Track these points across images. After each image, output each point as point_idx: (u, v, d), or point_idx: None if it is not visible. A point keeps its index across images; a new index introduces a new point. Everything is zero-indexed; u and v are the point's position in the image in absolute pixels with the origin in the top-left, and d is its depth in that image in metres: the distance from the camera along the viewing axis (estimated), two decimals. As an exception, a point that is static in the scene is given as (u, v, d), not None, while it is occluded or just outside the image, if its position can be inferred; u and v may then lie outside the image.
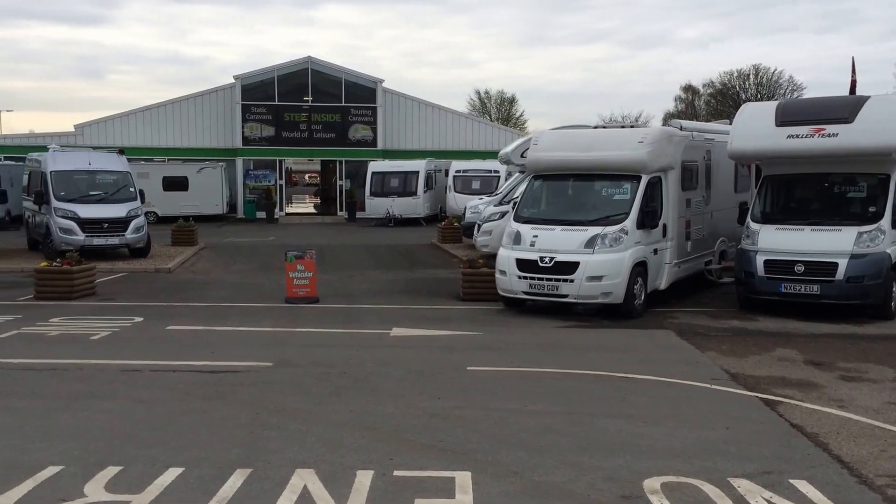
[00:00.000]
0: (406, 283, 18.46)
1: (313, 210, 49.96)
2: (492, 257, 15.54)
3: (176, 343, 11.72)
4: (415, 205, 36.83)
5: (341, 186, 43.03)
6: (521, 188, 23.15)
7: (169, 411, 8.12)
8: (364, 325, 13.02)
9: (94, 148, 30.07)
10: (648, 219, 13.78)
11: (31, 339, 11.92)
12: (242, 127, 41.42)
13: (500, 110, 79.90)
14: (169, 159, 40.98)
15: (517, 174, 27.10)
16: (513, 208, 20.90)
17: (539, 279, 13.57)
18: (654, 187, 14.11)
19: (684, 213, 15.06)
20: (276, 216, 40.54)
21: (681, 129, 15.42)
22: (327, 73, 42.48)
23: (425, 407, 8.27)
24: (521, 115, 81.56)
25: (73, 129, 41.92)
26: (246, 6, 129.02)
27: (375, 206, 37.20)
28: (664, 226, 14.27)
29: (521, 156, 21.08)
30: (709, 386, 9.21)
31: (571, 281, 13.25)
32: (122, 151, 24.11)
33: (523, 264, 13.74)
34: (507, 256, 14.05)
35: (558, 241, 13.61)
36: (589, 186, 14.63)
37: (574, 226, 13.76)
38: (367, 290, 17.30)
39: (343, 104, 42.01)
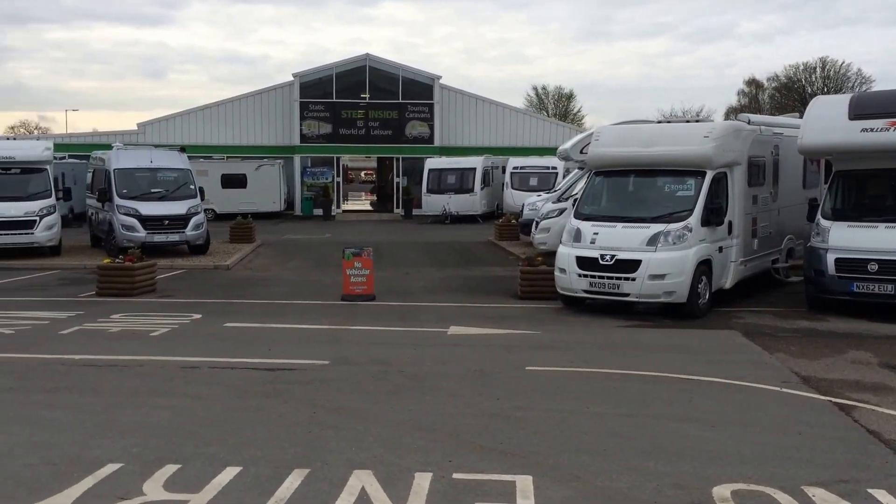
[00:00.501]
0: (463, 280, 18.30)
1: (370, 207, 50.17)
2: (550, 255, 15.32)
3: (233, 340, 11.74)
4: (472, 202, 36.67)
5: (398, 183, 43.11)
6: (581, 185, 22.85)
7: (226, 409, 8.08)
8: (421, 324, 12.89)
9: (156, 146, 30.64)
10: (713, 216, 13.38)
11: (93, 335, 12.05)
12: (300, 124, 41.74)
13: (557, 106, 79.30)
14: (228, 157, 41.46)
15: (576, 171, 26.76)
16: (572, 205, 20.69)
17: (599, 277, 13.29)
18: (720, 183, 13.71)
19: (751, 209, 14.60)
20: (332, 213, 40.78)
21: (749, 122, 14.96)
22: (384, 70, 42.59)
23: (485, 407, 8.10)
24: (578, 111, 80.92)
25: (136, 128, 42.77)
26: (304, 4, 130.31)
27: (432, 203, 37.15)
28: (729, 223, 13.84)
29: (581, 152, 20.75)
30: (779, 389, 8.86)
31: (633, 279, 12.94)
32: (183, 149, 24.43)
33: (583, 262, 13.47)
34: (566, 254, 13.80)
35: (620, 239, 13.31)
36: (651, 182, 14.28)
37: (636, 223, 13.44)
38: (424, 287, 17.19)
39: (400, 101, 42.08)
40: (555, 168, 36.37)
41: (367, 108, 41.93)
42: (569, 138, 44.50)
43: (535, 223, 22.24)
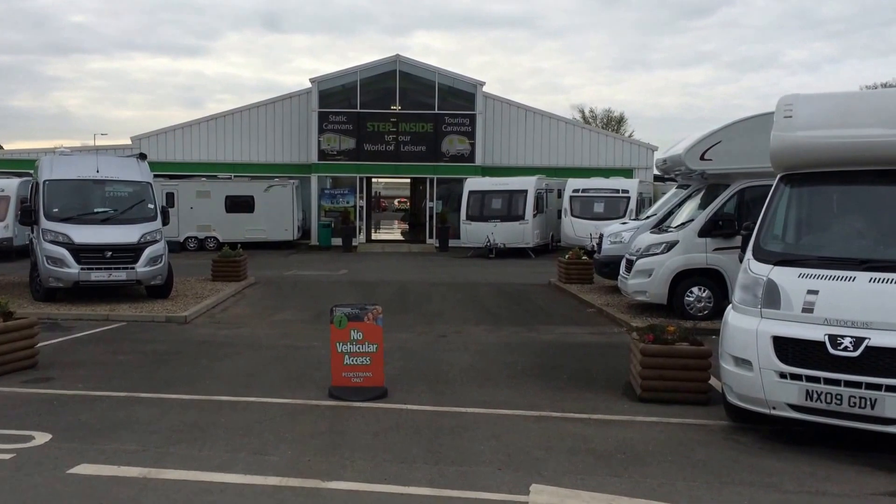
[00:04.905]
0: (531, 354, 11.66)
1: (399, 237, 43.65)
2: (658, 310, 8.67)
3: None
4: (522, 231, 29.92)
5: (431, 208, 36.49)
6: (690, 207, 16.21)
7: None
8: (469, 475, 6.27)
9: (152, 164, 24.59)
10: None
11: None
12: (319, 138, 35.38)
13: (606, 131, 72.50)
14: (234, 176, 35.31)
15: (673, 190, 20.08)
16: (710, 235, 14.03)
17: (830, 382, 6.62)
18: None
19: None
20: (354, 243, 34.26)
21: None
22: (418, 75, 35.98)
23: None
24: (630, 135, 74.06)
25: (129, 142, 36.88)
26: (338, 34, 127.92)
27: (473, 232, 30.49)
28: None
29: (702, 158, 14.25)
30: None
31: (913, 390, 6.27)
32: (143, 156, 18.13)
33: (791, 350, 6.85)
34: (749, 331, 7.17)
35: (869, 304, 6.67)
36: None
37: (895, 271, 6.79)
38: (469, 368, 10.57)
39: (436, 111, 35.43)
40: (626, 192, 29.85)
41: (398, 120, 35.45)
42: (643, 158, 38.33)
43: (625, 262, 15.61)
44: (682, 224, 15.01)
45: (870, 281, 6.79)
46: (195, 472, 6.23)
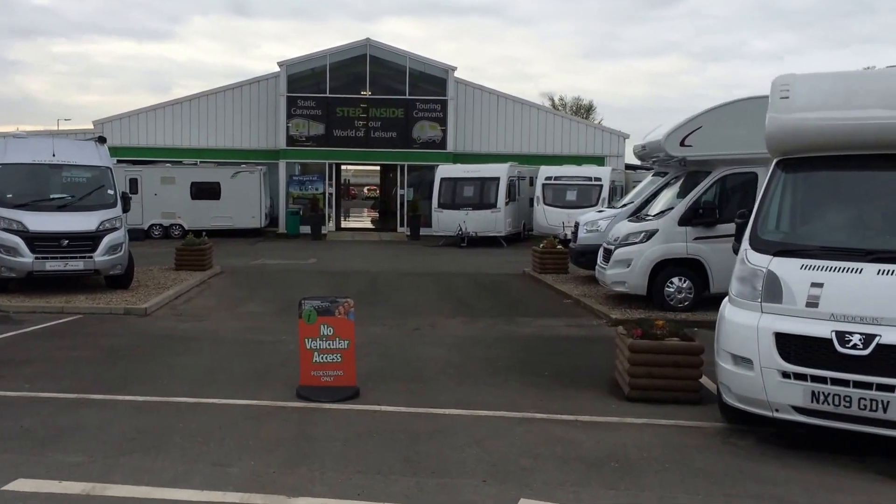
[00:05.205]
0: (510, 348, 11.13)
1: (370, 225, 42.94)
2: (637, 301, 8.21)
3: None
4: (494, 220, 29.38)
5: (402, 196, 35.78)
6: (667, 195, 15.76)
7: None
8: (451, 489, 5.70)
9: (114, 149, 23.64)
10: None
11: None
12: (287, 124, 34.51)
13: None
14: (200, 162, 34.37)
15: (649, 178, 19.65)
16: (691, 224, 13.57)
17: (837, 382, 6.16)
18: None
19: None
20: (323, 232, 33.50)
21: None
22: (389, 59, 35.17)
23: None
24: (599, 123, 73.79)
25: (91, 126, 35.77)
26: (307, 20, 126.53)
27: (445, 220, 29.90)
28: None
29: (682, 144, 13.80)
30: None
31: (925, 392, 5.82)
32: (102, 140, 17.28)
33: (794, 347, 6.38)
34: (749, 326, 6.69)
35: (879, 298, 6.21)
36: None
37: (904, 263, 6.34)
38: (446, 364, 10.01)
39: (407, 97, 34.67)
40: (599, 179, 29.45)
41: (368, 106, 34.66)
42: (615, 146, 37.87)
43: (602, 251, 15.13)
44: (662, 212, 14.55)
45: (878, 273, 6.32)
46: (146, 487, 5.61)
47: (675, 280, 13.81)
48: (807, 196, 7.51)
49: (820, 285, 6.45)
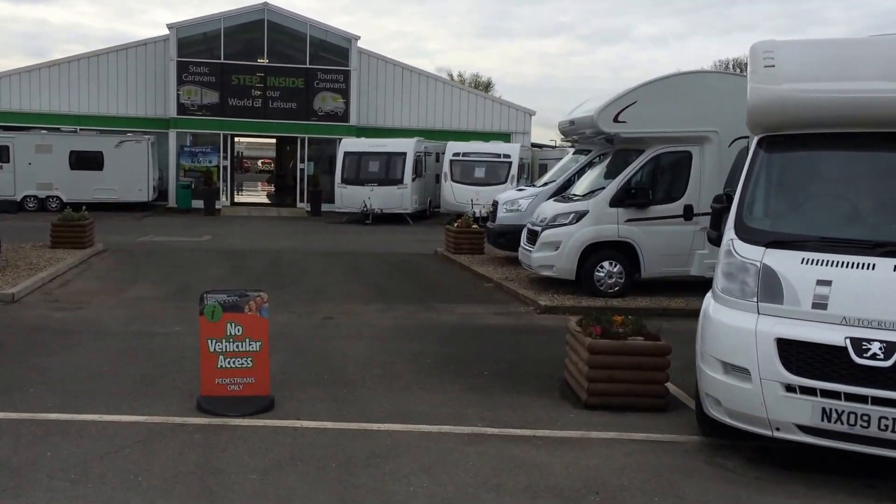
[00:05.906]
0: (435, 340, 9.96)
1: (266, 200, 40.94)
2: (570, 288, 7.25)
3: None
4: (400, 196, 28.11)
5: (302, 170, 34.01)
6: (592, 175, 14.89)
7: None
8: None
9: None
10: None
11: None
12: (178, 91, 32.18)
13: (475, 94, 71.37)
14: (80, 129, 31.70)
15: (569, 156, 18.78)
16: (623, 205, 12.73)
17: (853, 397, 5.25)
18: None
19: None
20: (217, 206, 31.48)
21: None
22: (288, 25, 33.20)
23: None
24: (505, 99, 73.26)
25: (-43, 89, 32.52)
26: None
27: (348, 196, 28.42)
28: None
29: (616, 120, 12.90)
30: None
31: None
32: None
33: (805, 357, 5.44)
34: (744, 330, 5.72)
35: (889, 295, 5.32)
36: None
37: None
38: (369, 361, 8.75)
39: (308, 66, 32.77)
40: (507, 157, 28.63)
41: (266, 74, 32.64)
42: (521, 123, 36.99)
43: (526, 232, 14.14)
44: (590, 193, 13.65)
45: (895, 269, 5.43)
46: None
47: (606, 264, 12.98)
48: (797, 179, 6.58)
49: (827, 283, 5.52)
